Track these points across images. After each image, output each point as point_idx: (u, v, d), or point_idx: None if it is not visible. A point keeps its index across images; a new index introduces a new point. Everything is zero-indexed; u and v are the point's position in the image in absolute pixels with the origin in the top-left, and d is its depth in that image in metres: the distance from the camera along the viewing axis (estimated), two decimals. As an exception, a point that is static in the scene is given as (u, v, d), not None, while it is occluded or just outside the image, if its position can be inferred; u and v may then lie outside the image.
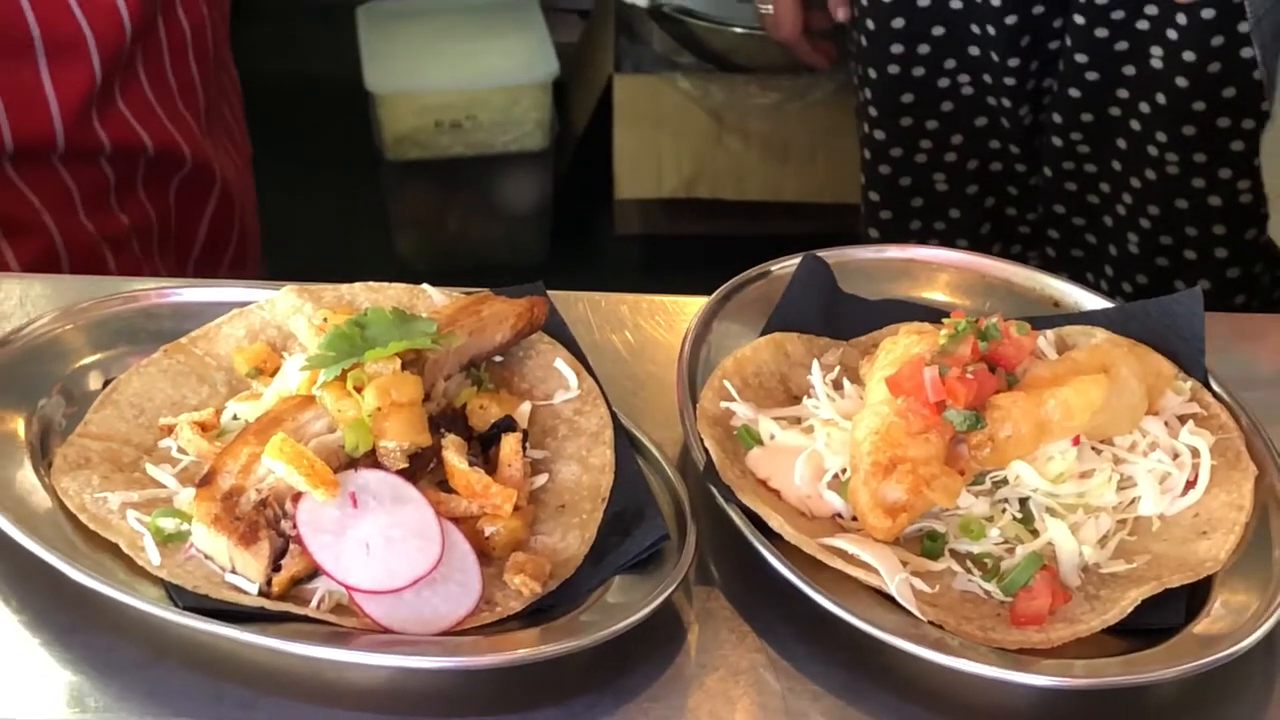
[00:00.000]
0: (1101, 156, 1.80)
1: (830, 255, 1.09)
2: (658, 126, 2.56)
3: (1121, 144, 1.79)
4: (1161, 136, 1.75)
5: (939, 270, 1.12)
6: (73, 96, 1.55)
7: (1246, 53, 1.69)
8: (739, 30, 2.51)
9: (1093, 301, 1.10)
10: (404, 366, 0.96)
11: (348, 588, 0.90)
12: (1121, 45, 1.73)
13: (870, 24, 1.82)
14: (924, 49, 1.82)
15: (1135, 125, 1.77)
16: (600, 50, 2.67)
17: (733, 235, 2.58)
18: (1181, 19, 1.69)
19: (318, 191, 2.65)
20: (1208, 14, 1.67)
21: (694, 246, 2.62)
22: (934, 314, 1.04)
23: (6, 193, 1.49)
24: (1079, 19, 1.73)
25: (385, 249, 2.57)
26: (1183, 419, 1.01)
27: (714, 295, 1.08)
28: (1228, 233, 1.76)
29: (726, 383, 1.02)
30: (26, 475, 0.96)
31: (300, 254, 2.25)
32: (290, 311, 1.03)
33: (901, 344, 0.99)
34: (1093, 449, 0.98)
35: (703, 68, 2.57)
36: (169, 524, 0.93)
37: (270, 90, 2.90)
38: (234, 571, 0.91)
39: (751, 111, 2.54)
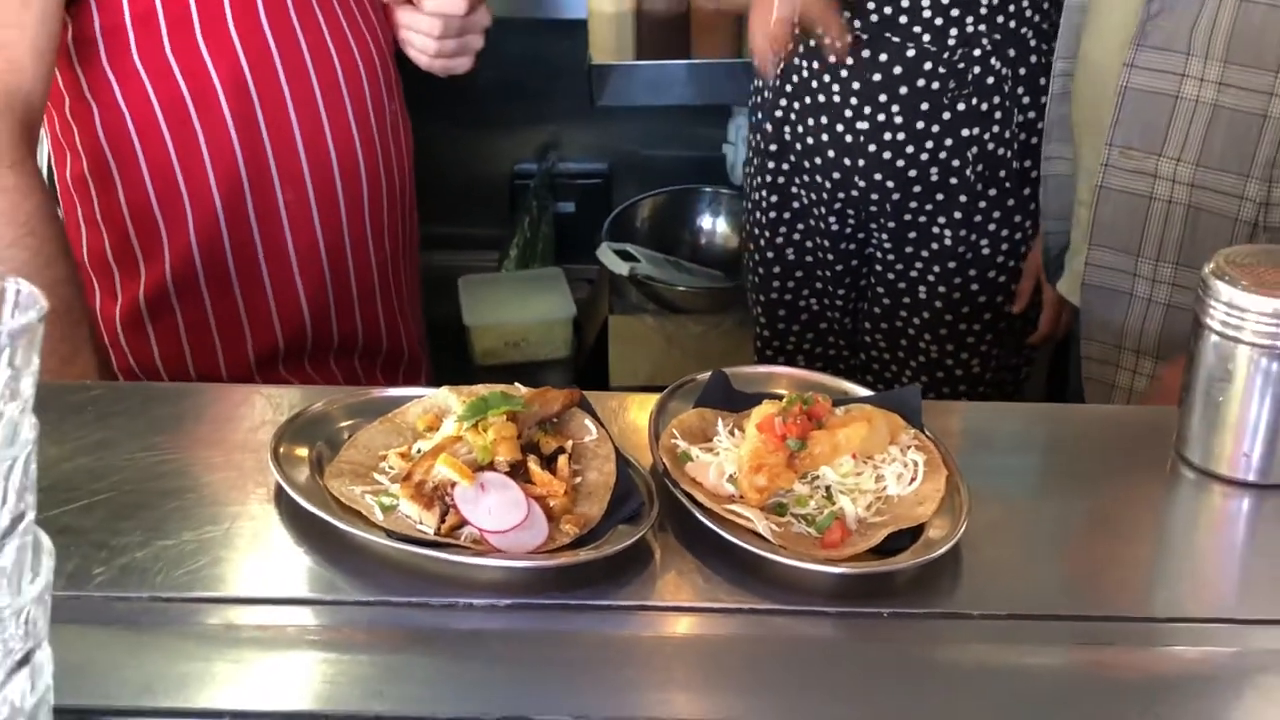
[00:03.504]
0: (892, 350, 1.93)
1: (729, 371, 1.16)
2: (634, 344, 2.65)
3: (903, 341, 1.91)
4: (928, 336, 1.89)
5: (785, 378, 1.18)
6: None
7: (974, 287, 1.83)
8: (682, 289, 2.65)
9: (865, 392, 1.16)
10: (508, 419, 1.01)
11: (481, 530, 0.97)
12: (902, 284, 1.86)
13: (760, 270, 1.98)
14: (790, 284, 1.99)
15: (911, 331, 1.87)
16: (600, 300, 2.78)
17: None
18: (936, 268, 1.84)
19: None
20: (952, 264, 1.81)
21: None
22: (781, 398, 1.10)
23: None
24: (879, 267, 1.89)
25: (474, 419, 2.63)
26: (909, 446, 1.06)
27: (666, 390, 1.13)
28: (967, 390, 1.89)
29: (675, 430, 1.08)
30: (312, 479, 1.02)
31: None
32: (446, 397, 1.08)
33: (764, 408, 1.05)
34: (864, 460, 1.04)
35: (661, 311, 2.68)
36: (387, 500, 0.99)
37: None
38: (421, 523, 0.97)
39: (688, 336, 2.64)
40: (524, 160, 3.00)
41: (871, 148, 1.81)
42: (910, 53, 1.77)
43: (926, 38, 1.76)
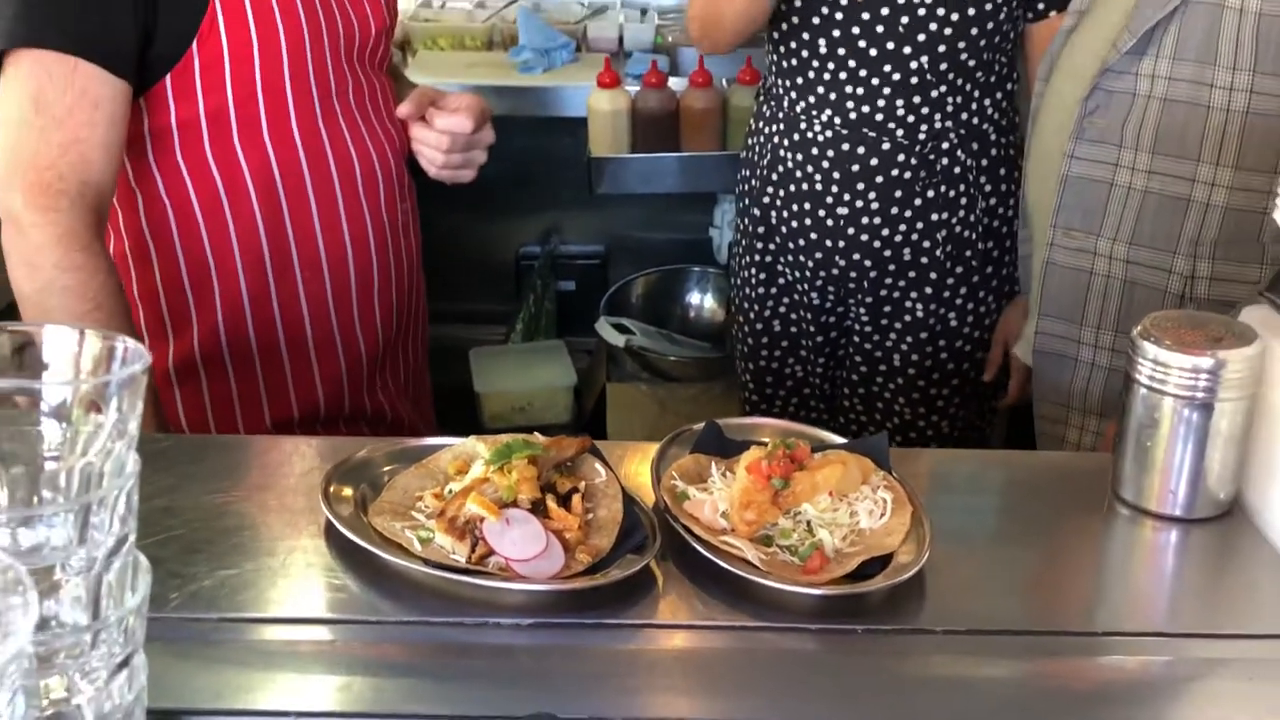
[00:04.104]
0: (868, 413, 1.98)
1: (720, 421, 1.19)
2: (630, 409, 2.68)
3: (879, 404, 1.95)
4: (901, 399, 1.94)
5: (770, 428, 1.21)
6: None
7: (943, 356, 1.88)
8: (673, 358, 2.69)
9: (839, 439, 1.18)
10: (529, 463, 1.05)
11: (506, 559, 1.00)
12: (878, 354, 1.91)
13: (749, 341, 2.02)
14: (777, 353, 2.04)
15: (886, 395, 1.95)
16: (598, 369, 2.81)
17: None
18: (909, 339, 1.87)
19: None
20: (923, 335, 1.85)
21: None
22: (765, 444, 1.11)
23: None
24: (856, 338, 1.94)
25: (483, 479, 2.62)
26: (879, 486, 1.09)
27: (665, 439, 1.16)
28: (937, 448, 1.91)
29: (674, 473, 1.11)
30: (356, 516, 1.06)
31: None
32: (473, 444, 1.11)
33: (752, 452, 1.08)
34: (839, 498, 1.07)
35: (653, 379, 2.71)
36: (424, 534, 1.03)
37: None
38: (454, 553, 1.01)
39: (679, 402, 2.67)
40: (529, 243, 3.09)
41: (850, 231, 1.88)
42: (885, 146, 1.84)
43: (900, 133, 1.83)
